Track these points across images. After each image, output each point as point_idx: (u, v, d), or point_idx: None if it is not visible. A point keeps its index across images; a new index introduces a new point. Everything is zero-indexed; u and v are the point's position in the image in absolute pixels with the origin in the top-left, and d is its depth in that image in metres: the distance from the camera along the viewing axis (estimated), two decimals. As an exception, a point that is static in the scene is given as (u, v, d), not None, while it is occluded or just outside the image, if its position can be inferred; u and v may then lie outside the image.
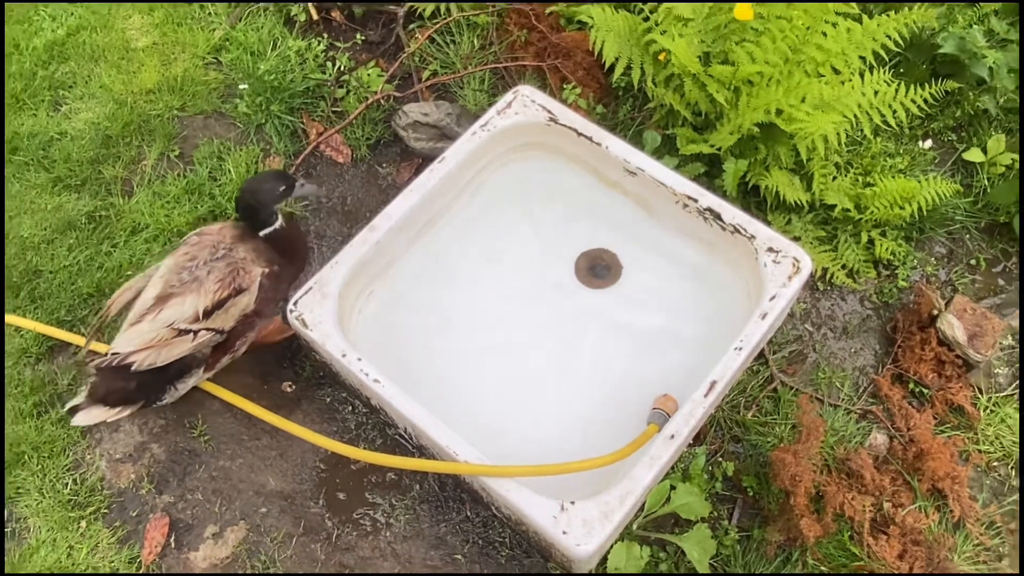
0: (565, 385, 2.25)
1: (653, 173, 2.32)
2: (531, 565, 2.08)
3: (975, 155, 2.64)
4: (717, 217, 2.25)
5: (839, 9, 2.32)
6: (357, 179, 2.73)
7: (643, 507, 2.04)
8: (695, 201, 2.28)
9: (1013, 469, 2.20)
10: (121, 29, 3.05)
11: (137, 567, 2.08)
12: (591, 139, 2.38)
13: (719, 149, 2.44)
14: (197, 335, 2.00)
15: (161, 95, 2.87)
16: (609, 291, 2.38)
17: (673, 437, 1.94)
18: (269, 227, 2.12)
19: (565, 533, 1.83)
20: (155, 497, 2.17)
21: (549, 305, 2.37)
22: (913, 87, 2.41)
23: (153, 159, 2.74)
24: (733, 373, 2.04)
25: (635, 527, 2.06)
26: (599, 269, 2.42)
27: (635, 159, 2.34)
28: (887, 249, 2.48)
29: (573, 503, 1.86)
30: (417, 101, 2.77)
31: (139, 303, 2.04)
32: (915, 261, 2.51)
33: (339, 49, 2.95)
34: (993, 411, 2.26)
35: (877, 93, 2.40)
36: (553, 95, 2.65)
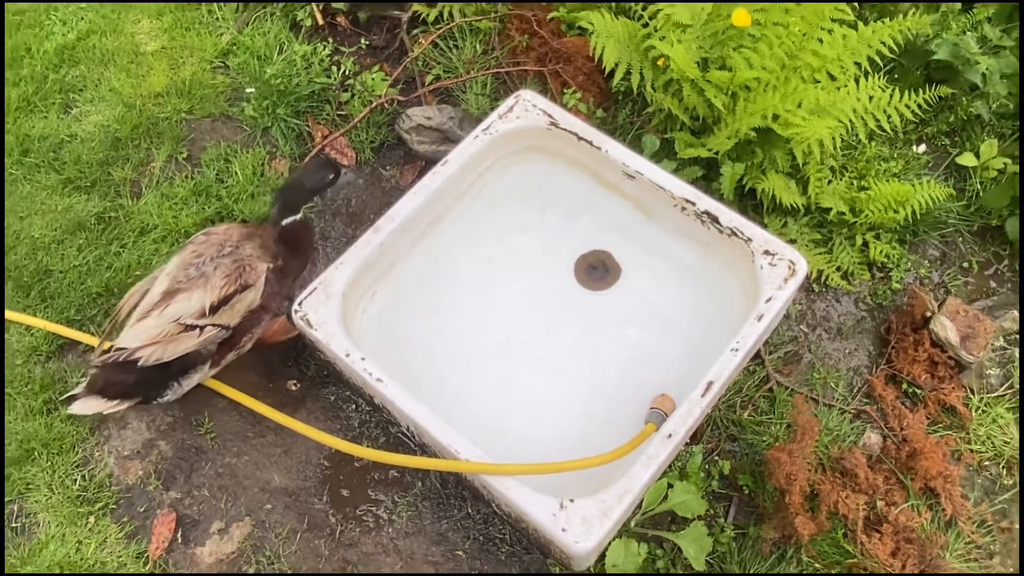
0: (565, 385, 2.26)
1: (652, 177, 2.34)
2: (531, 562, 2.10)
3: (968, 159, 2.66)
4: (714, 220, 2.27)
5: (835, 16, 2.33)
6: (361, 181, 2.76)
7: (641, 505, 2.06)
8: (693, 204, 2.29)
9: (1004, 468, 2.22)
10: (130, 33, 3.07)
11: (144, 562, 2.10)
12: (591, 143, 2.40)
13: (717, 153, 2.46)
14: (203, 331, 2.01)
15: (169, 98, 2.90)
16: (608, 293, 2.40)
17: (671, 436, 1.96)
18: (294, 215, 2.17)
19: (564, 530, 1.84)
20: (162, 493, 2.20)
21: (549, 306, 2.39)
22: (907, 93, 2.43)
23: (161, 161, 2.77)
24: (730, 373, 2.06)
25: (633, 524, 2.07)
26: (598, 271, 2.44)
27: (634, 163, 2.36)
28: (881, 252, 2.50)
29: (572, 501, 1.87)
30: (420, 105, 2.79)
31: (146, 299, 2.05)
32: (909, 264, 2.53)
33: (344, 53, 2.97)
34: (985, 411, 2.29)
35: (872, 98, 2.42)
36: (554, 100, 2.67)
